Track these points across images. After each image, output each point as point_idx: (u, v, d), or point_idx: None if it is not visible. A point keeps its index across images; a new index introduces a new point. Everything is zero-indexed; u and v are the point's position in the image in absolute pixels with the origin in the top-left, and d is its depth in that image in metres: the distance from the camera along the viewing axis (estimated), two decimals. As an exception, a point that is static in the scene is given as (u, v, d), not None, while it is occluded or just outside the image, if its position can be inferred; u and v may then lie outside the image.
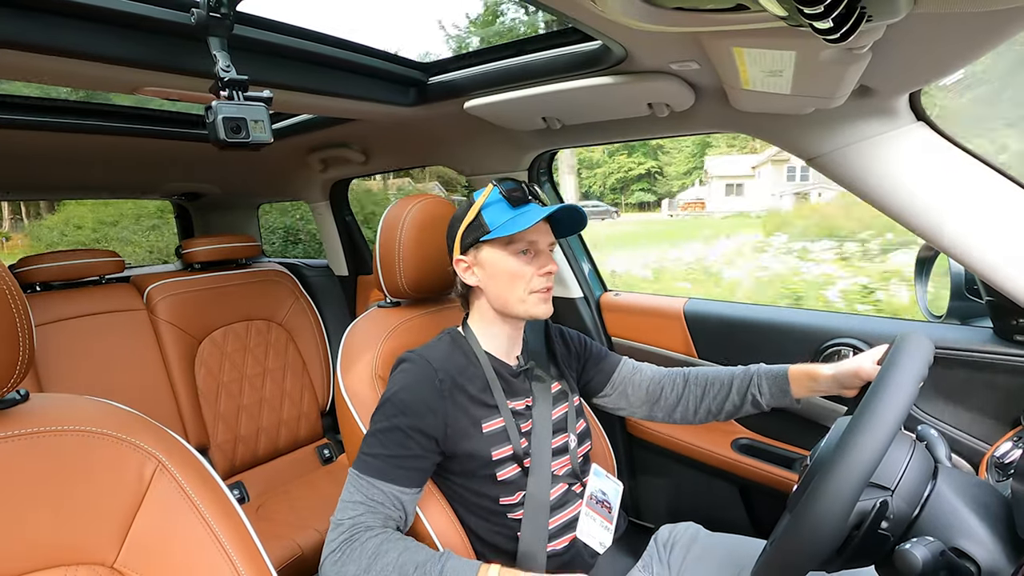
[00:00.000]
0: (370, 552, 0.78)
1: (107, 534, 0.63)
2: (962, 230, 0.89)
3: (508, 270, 0.96)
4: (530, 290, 0.96)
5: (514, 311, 0.98)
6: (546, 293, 0.98)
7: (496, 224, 0.94)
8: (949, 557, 0.55)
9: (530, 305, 0.97)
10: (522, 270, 0.96)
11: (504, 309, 0.99)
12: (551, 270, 0.97)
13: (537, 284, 0.96)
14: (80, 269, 1.81)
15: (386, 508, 0.84)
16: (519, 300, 0.97)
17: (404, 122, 1.50)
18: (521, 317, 1.00)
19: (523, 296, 0.96)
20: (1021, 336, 0.98)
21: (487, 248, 0.96)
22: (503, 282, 0.96)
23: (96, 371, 1.69)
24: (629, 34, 0.84)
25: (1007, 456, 0.78)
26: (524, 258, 0.96)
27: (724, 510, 1.44)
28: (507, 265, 0.96)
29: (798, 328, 1.29)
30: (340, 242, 2.30)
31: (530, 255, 0.96)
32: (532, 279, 0.96)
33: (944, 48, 0.69)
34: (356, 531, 0.81)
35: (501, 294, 0.97)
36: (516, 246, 0.95)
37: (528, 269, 0.96)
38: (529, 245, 0.96)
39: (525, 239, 0.95)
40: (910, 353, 0.66)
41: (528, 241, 0.96)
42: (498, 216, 0.95)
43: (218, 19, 0.84)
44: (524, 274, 0.96)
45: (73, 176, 1.94)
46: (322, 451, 2.09)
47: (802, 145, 1.02)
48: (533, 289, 0.96)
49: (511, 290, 0.96)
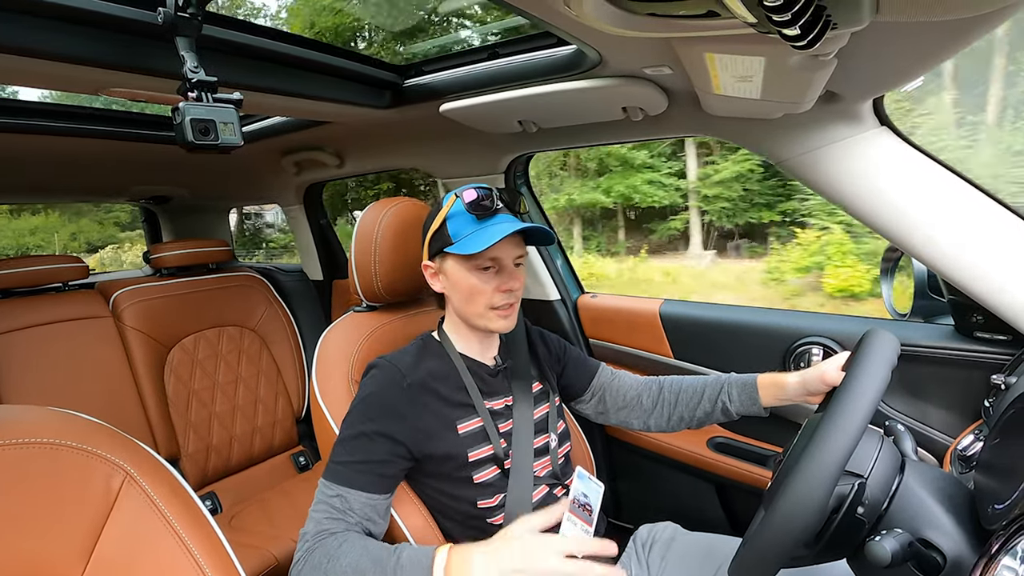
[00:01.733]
0: (329, 554, 0.77)
1: (72, 549, 0.60)
2: (923, 231, 0.93)
3: (468, 285, 0.93)
4: (490, 306, 0.94)
5: (474, 324, 0.97)
6: (507, 310, 0.95)
7: (458, 237, 0.92)
8: (917, 548, 0.56)
9: (488, 320, 0.95)
10: (482, 287, 0.93)
11: (466, 321, 0.98)
12: (512, 287, 0.94)
13: (497, 301, 0.93)
14: (42, 275, 1.75)
15: (353, 516, 0.83)
16: (478, 315, 0.95)
17: (379, 125, 1.49)
18: (481, 330, 0.98)
19: (482, 311, 0.94)
20: (981, 332, 1.02)
21: (451, 259, 0.94)
22: (463, 296, 0.95)
23: (60, 381, 1.63)
24: (603, 39, 0.85)
25: (969, 449, 0.81)
26: (486, 275, 0.93)
27: (701, 509, 1.46)
28: (468, 281, 0.93)
29: (770, 328, 1.31)
30: (315, 246, 2.27)
31: (493, 271, 0.93)
32: (492, 296, 0.93)
33: (906, 55, 0.72)
34: (319, 538, 0.80)
35: (461, 306, 0.96)
36: (478, 262, 0.92)
37: (488, 286, 0.93)
38: (492, 262, 0.93)
39: (487, 256, 0.92)
40: (878, 348, 0.68)
41: (490, 258, 0.92)
42: (461, 229, 0.92)
43: (186, 19, 0.82)
44: (484, 291, 0.93)
45: (34, 180, 1.87)
46: (297, 459, 2.05)
47: (771, 149, 1.05)
48: (493, 306, 0.94)
49: (471, 304, 0.94)
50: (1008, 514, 0.52)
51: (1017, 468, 0.57)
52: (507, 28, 5.06)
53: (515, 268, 0.96)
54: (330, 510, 0.83)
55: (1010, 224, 0.89)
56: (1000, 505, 0.55)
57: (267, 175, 2.10)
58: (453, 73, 1.22)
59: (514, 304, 0.96)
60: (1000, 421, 0.71)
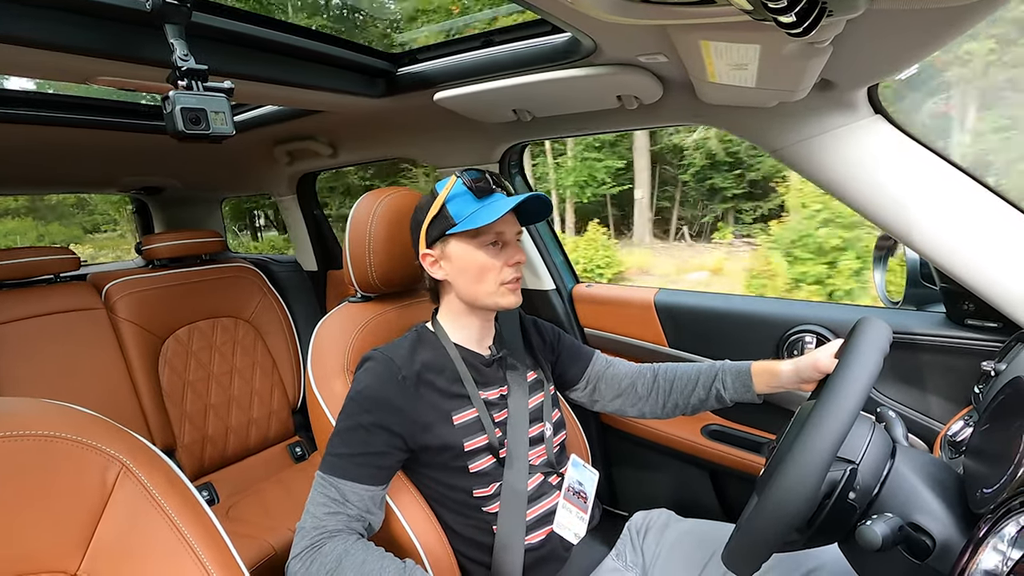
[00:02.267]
0: (332, 560, 0.78)
1: (69, 541, 0.60)
2: (915, 220, 0.93)
3: (477, 263, 0.95)
4: (500, 281, 0.96)
5: (483, 303, 0.98)
6: (515, 283, 0.98)
7: (462, 216, 0.93)
8: (907, 532, 0.57)
9: (499, 296, 0.97)
10: (491, 262, 0.95)
11: (473, 302, 0.98)
12: (520, 260, 0.97)
13: (507, 275, 0.96)
14: (33, 267, 1.73)
15: (351, 508, 0.84)
16: (488, 293, 0.96)
17: (373, 114, 1.47)
18: (491, 309, 1.00)
19: (493, 288, 0.96)
20: (972, 320, 1.03)
21: (454, 241, 0.95)
22: (472, 275, 0.96)
23: (53, 373, 1.62)
24: (598, 26, 0.84)
25: (959, 435, 0.82)
26: (493, 250, 0.95)
27: (695, 495, 1.47)
28: (475, 258, 0.95)
29: (763, 316, 1.32)
30: (308, 237, 2.25)
31: (498, 246, 0.96)
32: (502, 271, 0.96)
33: (901, 43, 0.72)
34: (320, 537, 0.81)
35: (470, 287, 0.97)
36: (484, 238, 0.94)
37: (497, 261, 0.95)
38: (497, 236, 0.95)
39: (493, 231, 0.95)
40: (871, 335, 0.68)
41: (496, 232, 0.95)
42: (463, 208, 0.93)
43: (175, 6, 0.81)
44: (494, 266, 0.95)
45: (23, 170, 1.85)
46: (294, 449, 2.06)
47: (766, 137, 1.05)
48: (503, 281, 0.96)
49: (481, 283, 0.96)
50: (996, 498, 0.53)
51: (1005, 454, 0.58)
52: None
53: (517, 243, 0.99)
54: (328, 503, 0.84)
55: (1002, 213, 0.90)
56: (988, 490, 0.56)
57: (259, 165, 2.08)
58: (447, 61, 1.21)
59: (520, 279, 0.99)
60: (989, 407, 0.72)
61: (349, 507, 0.84)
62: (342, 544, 0.80)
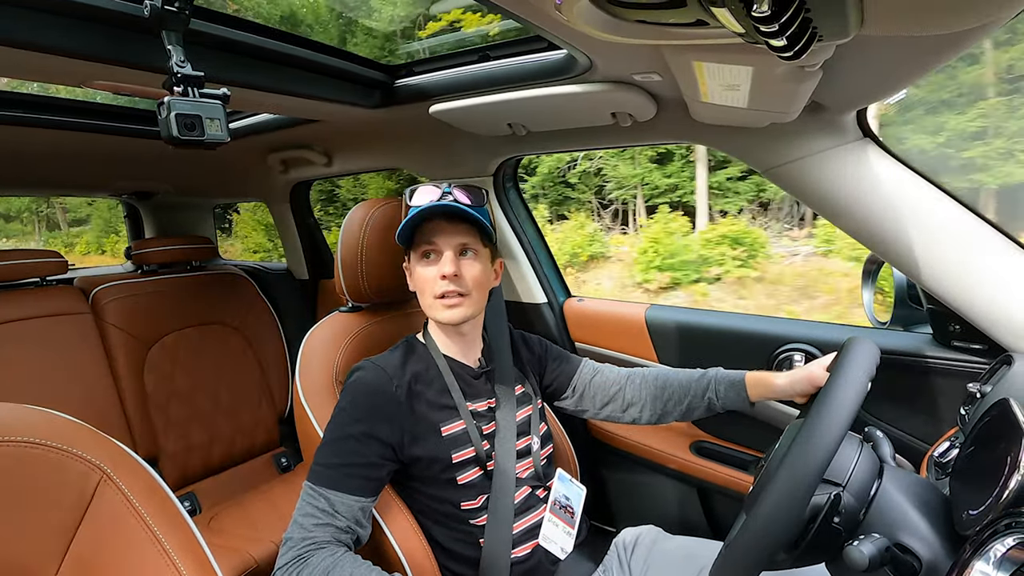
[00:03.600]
0: (320, 572, 0.77)
1: (46, 549, 0.59)
2: (903, 242, 0.94)
3: (417, 277, 0.97)
4: (432, 295, 0.94)
5: (430, 317, 0.98)
6: (451, 299, 0.94)
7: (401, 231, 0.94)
8: (894, 552, 0.57)
9: (435, 311, 0.95)
10: (423, 274, 0.95)
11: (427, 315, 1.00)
12: (445, 272, 0.92)
13: (437, 289, 0.94)
14: (19, 269, 1.71)
15: (340, 520, 0.83)
16: (428, 306, 0.97)
17: (368, 124, 1.48)
18: (442, 326, 1.00)
19: (429, 302, 0.95)
20: (958, 342, 1.04)
21: (411, 255, 0.98)
22: (418, 289, 0.98)
23: (36, 378, 1.60)
24: (593, 44, 0.85)
25: (946, 456, 0.83)
26: (428, 263, 0.95)
27: (683, 512, 1.46)
28: (416, 272, 0.97)
29: (753, 334, 1.33)
30: (301, 245, 2.25)
31: (433, 259, 0.95)
32: (435, 283, 0.94)
33: (890, 68, 0.73)
34: (307, 549, 0.79)
35: (420, 301, 0.98)
36: (420, 250, 0.95)
37: (428, 273, 0.94)
38: (428, 247, 0.94)
39: (423, 242, 0.93)
40: (858, 356, 0.69)
41: (427, 243, 0.94)
42: (407, 222, 0.94)
43: (173, 12, 0.81)
44: (427, 279, 0.94)
45: (14, 172, 1.83)
46: (279, 459, 2.03)
47: (757, 157, 1.06)
48: (434, 294, 0.94)
49: (422, 296, 0.97)
50: (981, 520, 0.53)
51: (991, 475, 0.58)
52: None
53: (460, 257, 0.95)
54: (316, 514, 0.82)
55: (987, 236, 0.91)
56: (974, 511, 0.56)
57: (253, 172, 2.08)
58: (443, 74, 1.22)
59: (465, 296, 0.94)
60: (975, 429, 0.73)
61: (338, 518, 0.83)
62: (330, 557, 0.79)
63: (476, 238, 0.97)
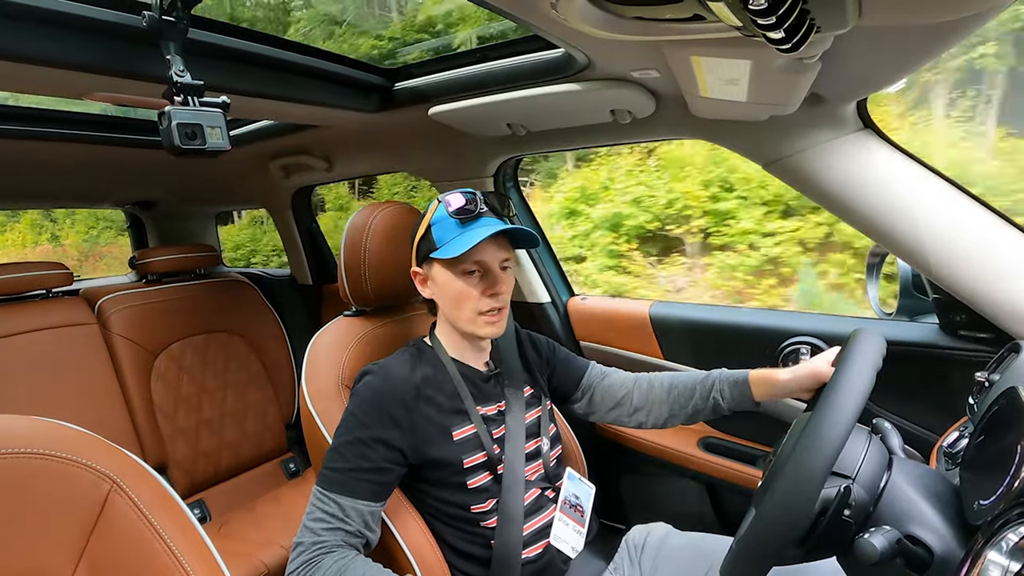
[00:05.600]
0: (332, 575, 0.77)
1: (59, 560, 0.59)
2: (907, 231, 0.94)
3: (455, 291, 0.93)
4: (477, 311, 0.93)
5: (462, 329, 0.97)
6: (495, 315, 0.94)
7: (443, 242, 0.91)
8: (905, 545, 0.57)
9: (477, 327, 0.94)
10: (468, 292, 0.92)
11: (453, 325, 0.98)
12: (498, 291, 0.93)
13: (483, 306, 0.93)
14: (25, 282, 1.72)
15: (350, 524, 0.83)
16: (465, 320, 0.95)
17: (368, 129, 1.48)
18: (469, 336, 0.98)
19: (470, 316, 0.94)
20: (964, 331, 1.04)
21: (437, 265, 0.94)
22: (451, 301, 0.95)
23: (44, 389, 1.60)
24: (591, 42, 0.85)
25: (955, 446, 0.82)
26: (471, 279, 0.92)
27: (693, 509, 1.46)
28: (454, 286, 0.93)
29: (758, 328, 1.32)
30: (304, 250, 2.25)
31: (477, 275, 0.93)
32: (479, 300, 0.93)
33: (888, 58, 0.73)
34: (318, 553, 0.80)
35: (450, 312, 0.96)
36: (463, 266, 0.92)
37: (474, 291, 0.92)
38: (476, 265, 0.92)
39: (471, 259, 0.91)
40: (865, 347, 0.69)
41: (475, 261, 0.92)
42: (445, 233, 0.92)
43: (171, 22, 0.81)
44: (471, 295, 0.92)
45: (15, 184, 1.85)
46: (287, 465, 2.03)
47: (758, 150, 1.06)
48: (479, 311, 0.93)
49: (458, 310, 0.94)
50: (993, 510, 0.53)
51: (1001, 464, 0.58)
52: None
53: (502, 272, 0.95)
54: (325, 518, 0.83)
55: (992, 224, 0.91)
56: (985, 501, 0.56)
57: (255, 179, 2.08)
58: (442, 76, 1.22)
59: (503, 309, 0.96)
60: (984, 418, 0.72)
61: (348, 523, 0.83)
62: (341, 560, 0.79)
63: (512, 252, 0.98)
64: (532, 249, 1.62)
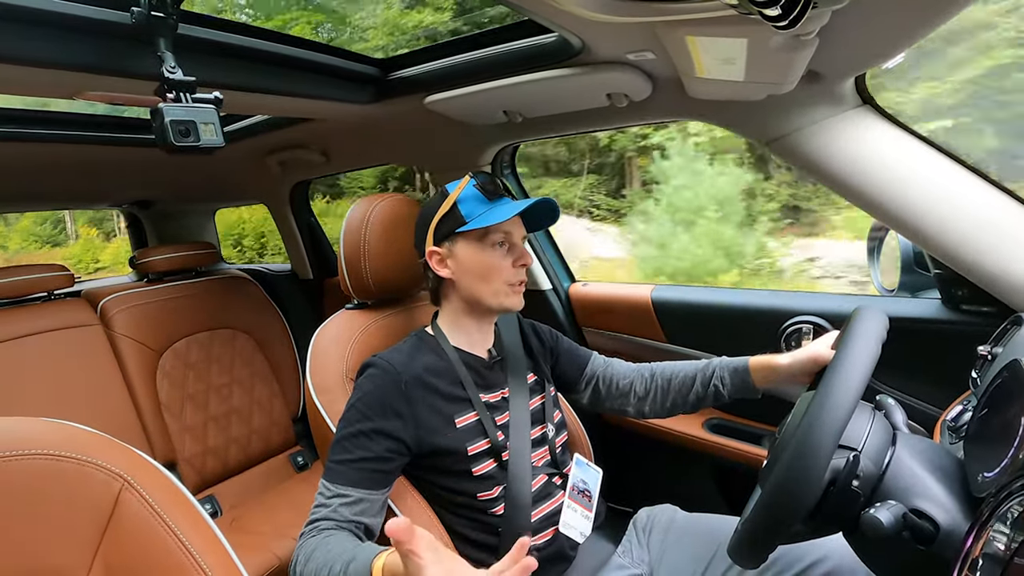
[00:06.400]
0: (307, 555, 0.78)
1: (75, 560, 0.60)
2: (907, 207, 0.93)
3: (484, 263, 0.96)
4: (506, 282, 0.97)
5: (488, 303, 0.98)
6: (520, 286, 0.99)
7: (473, 216, 0.95)
8: (911, 518, 0.57)
9: (503, 298, 0.98)
10: (498, 263, 0.96)
11: (478, 302, 0.99)
12: (527, 262, 0.99)
13: (512, 277, 0.98)
14: (26, 285, 1.72)
15: (351, 514, 0.84)
16: (493, 293, 0.97)
17: (363, 120, 1.47)
18: (494, 310, 1.00)
19: (498, 288, 0.97)
20: (967, 305, 1.04)
21: (462, 241, 0.97)
22: (477, 275, 0.97)
23: (50, 391, 1.61)
24: (585, 26, 0.84)
25: (959, 419, 0.82)
26: (499, 251, 0.97)
27: (699, 490, 1.47)
28: (482, 258, 0.96)
29: (760, 309, 1.33)
30: (303, 245, 2.25)
31: (505, 247, 0.98)
32: (507, 272, 0.97)
33: (886, 32, 0.72)
34: (308, 538, 0.81)
35: (475, 286, 0.98)
36: (492, 238, 0.96)
37: (504, 262, 0.97)
38: (505, 237, 0.97)
39: (501, 231, 0.96)
40: (868, 323, 0.69)
41: (504, 232, 0.97)
42: (474, 208, 0.95)
43: (161, 19, 0.80)
44: (501, 267, 0.97)
45: (10, 187, 1.84)
46: (296, 458, 2.05)
47: (757, 130, 1.05)
48: (508, 282, 0.98)
49: (486, 283, 0.97)
50: (997, 482, 0.53)
51: (1004, 437, 0.58)
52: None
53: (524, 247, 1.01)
54: (330, 512, 0.84)
55: (992, 197, 0.90)
56: (989, 473, 0.56)
57: (251, 175, 2.08)
58: (436, 65, 1.21)
59: (524, 281, 1.01)
60: (987, 391, 0.72)
61: (347, 510, 0.84)
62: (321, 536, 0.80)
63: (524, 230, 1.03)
64: (531, 237, 1.62)
